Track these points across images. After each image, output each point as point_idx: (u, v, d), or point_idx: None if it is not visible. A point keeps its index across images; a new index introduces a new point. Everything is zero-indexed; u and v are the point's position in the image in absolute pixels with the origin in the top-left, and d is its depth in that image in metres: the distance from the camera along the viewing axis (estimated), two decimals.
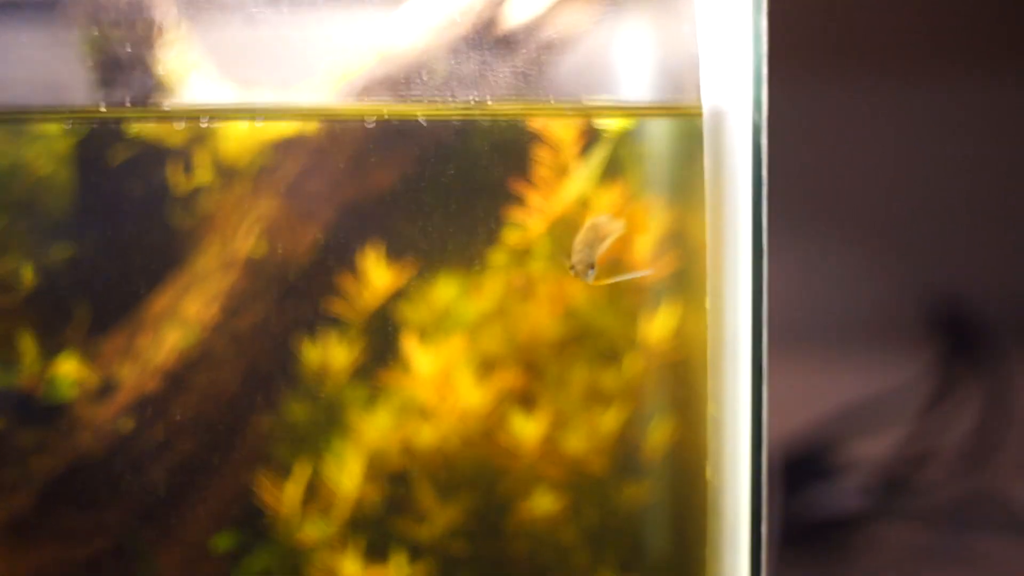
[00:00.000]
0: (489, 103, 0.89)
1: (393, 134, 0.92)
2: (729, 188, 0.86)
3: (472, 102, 0.89)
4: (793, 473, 1.47)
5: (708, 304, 0.88)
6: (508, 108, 0.89)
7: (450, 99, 0.89)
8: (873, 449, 1.57)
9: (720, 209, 0.88)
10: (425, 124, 0.88)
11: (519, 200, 0.90)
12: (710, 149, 0.87)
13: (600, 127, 0.90)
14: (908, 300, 1.71)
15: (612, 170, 0.91)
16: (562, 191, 0.90)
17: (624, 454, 0.93)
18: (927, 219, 1.75)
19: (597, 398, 0.93)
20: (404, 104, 0.90)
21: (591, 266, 0.84)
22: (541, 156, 0.90)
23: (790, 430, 1.55)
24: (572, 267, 0.85)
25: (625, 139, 0.90)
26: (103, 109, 0.91)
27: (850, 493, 1.52)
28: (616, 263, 0.91)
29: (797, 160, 1.44)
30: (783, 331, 1.54)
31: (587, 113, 0.90)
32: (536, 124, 0.89)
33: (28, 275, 0.91)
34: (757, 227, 0.86)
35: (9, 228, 0.92)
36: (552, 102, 0.89)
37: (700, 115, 0.88)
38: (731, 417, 0.88)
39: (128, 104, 0.92)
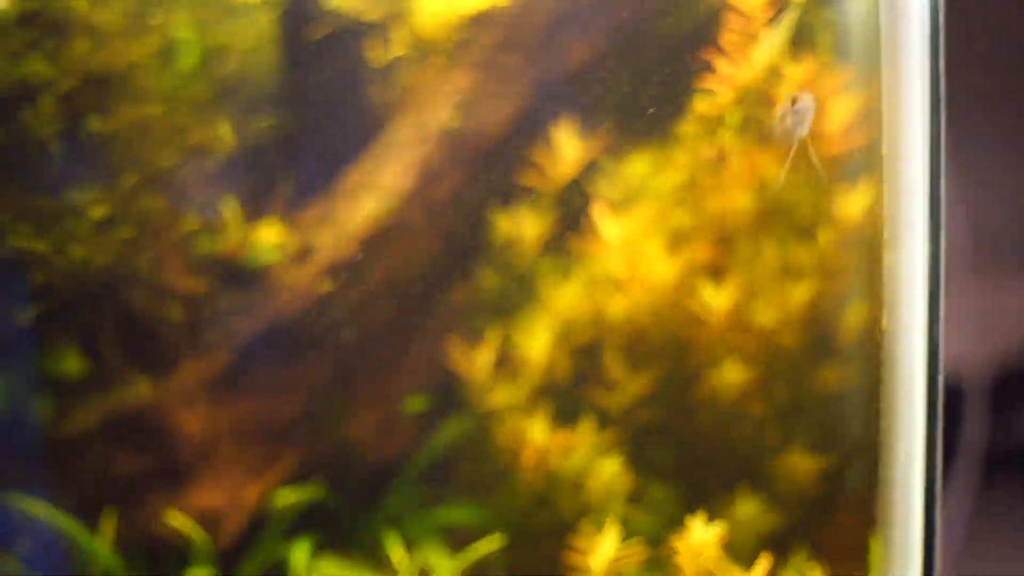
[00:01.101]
0: None
1: (586, 7, 0.93)
2: (906, 53, 0.85)
3: None
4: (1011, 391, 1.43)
5: (883, 173, 0.88)
6: None
7: None
8: None
9: (897, 75, 0.86)
10: None
11: (710, 69, 0.91)
12: (887, 13, 0.86)
13: None
14: None
15: (802, 38, 0.91)
16: (752, 58, 0.90)
17: (815, 330, 0.93)
18: None
19: (788, 272, 0.93)
20: None
21: (804, 120, 0.84)
22: (731, 23, 0.90)
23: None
24: (783, 117, 0.85)
25: (814, 5, 0.90)
26: None
27: None
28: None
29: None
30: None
31: None
32: None
33: (234, 144, 0.94)
34: (935, 97, 0.84)
35: (217, 99, 0.95)
36: None
37: None
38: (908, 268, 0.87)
39: None
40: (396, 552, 0.92)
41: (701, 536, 0.82)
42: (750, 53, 0.90)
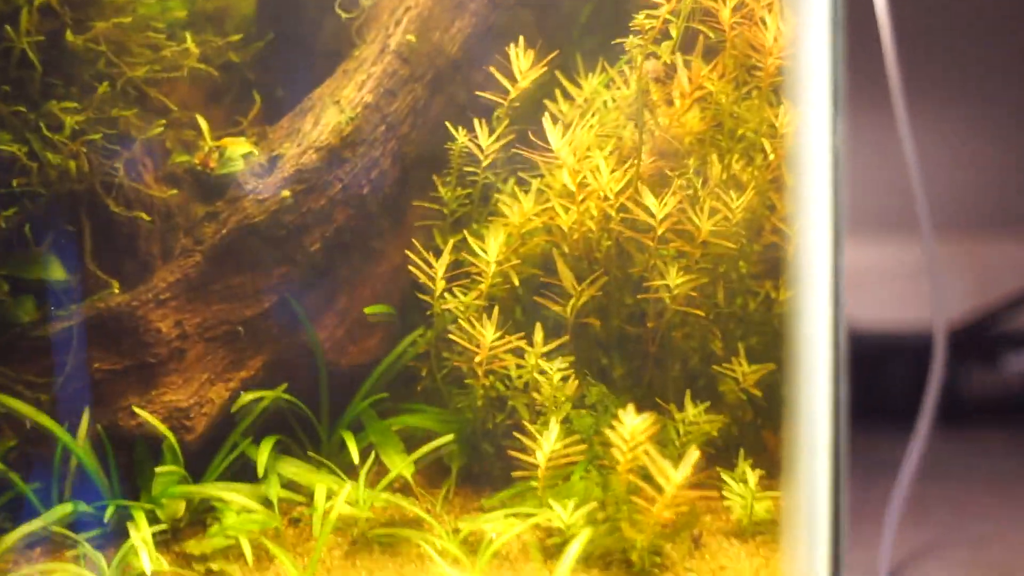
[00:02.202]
0: None
1: None
2: None
3: None
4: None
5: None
6: None
7: None
8: None
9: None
10: None
11: None
12: None
13: None
14: None
15: None
16: None
17: (758, 240, 0.96)
18: None
19: (732, 184, 0.96)
20: None
21: None
22: None
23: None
24: None
25: None
26: None
27: None
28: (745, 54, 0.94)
29: None
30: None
31: None
32: None
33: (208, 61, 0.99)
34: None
35: (193, 19, 1.00)
36: None
37: None
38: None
39: None
40: (355, 454, 0.96)
41: (632, 428, 0.85)
42: None
